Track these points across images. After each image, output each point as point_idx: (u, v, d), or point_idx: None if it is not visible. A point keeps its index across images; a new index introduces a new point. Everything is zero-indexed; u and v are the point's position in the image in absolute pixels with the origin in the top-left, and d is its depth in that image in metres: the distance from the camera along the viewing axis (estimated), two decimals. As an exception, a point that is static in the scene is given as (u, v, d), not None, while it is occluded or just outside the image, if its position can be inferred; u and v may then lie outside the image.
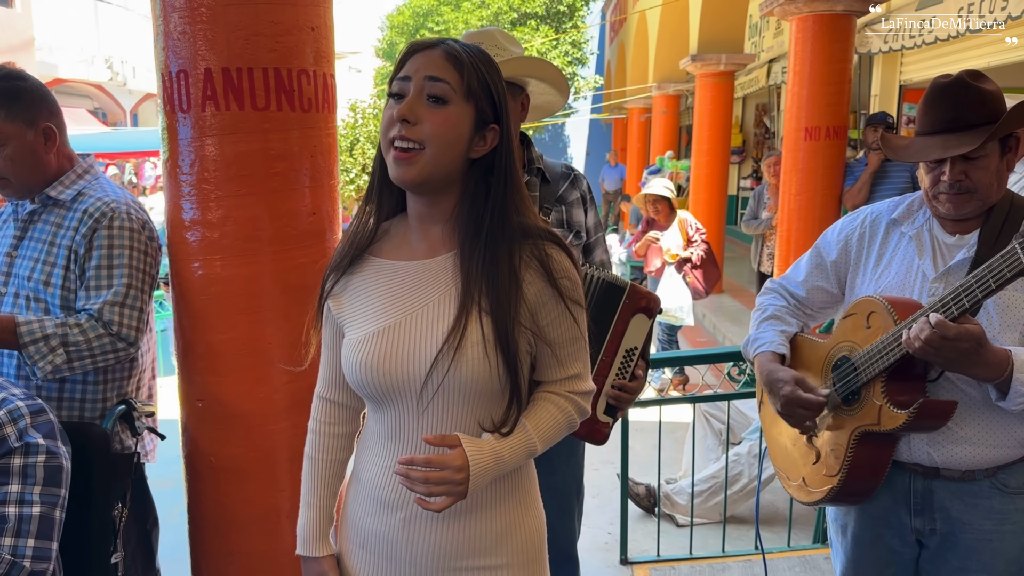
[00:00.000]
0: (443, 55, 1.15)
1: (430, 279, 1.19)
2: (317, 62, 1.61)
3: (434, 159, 1.14)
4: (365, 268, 1.24)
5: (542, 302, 1.18)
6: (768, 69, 9.79)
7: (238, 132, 1.54)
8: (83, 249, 1.74)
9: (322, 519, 1.32)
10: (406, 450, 1.19)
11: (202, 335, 1.63)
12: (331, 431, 1.34)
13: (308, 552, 1.31)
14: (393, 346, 1.16)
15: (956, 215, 1.52)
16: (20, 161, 1.76)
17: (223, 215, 1.57)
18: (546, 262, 1.17)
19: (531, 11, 18.96)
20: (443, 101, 1.14)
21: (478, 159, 1.19)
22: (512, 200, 1.19)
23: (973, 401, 1.48)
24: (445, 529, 1.20)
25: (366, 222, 1.24)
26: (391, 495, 1.21)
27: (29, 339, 1.66)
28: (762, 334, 1.73)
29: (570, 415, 1.26)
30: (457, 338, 1.12)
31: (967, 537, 1.53)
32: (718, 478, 3.26)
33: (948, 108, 1.50)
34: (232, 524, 1.69)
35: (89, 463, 1.58)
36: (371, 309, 1.21)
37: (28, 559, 1.36)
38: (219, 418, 1.66)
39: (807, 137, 5.10)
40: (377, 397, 1.20)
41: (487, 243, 1.16)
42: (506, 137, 1.20)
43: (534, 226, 1.19)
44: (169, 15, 1.53)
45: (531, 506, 1.28)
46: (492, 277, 1.14)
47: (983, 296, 1.33)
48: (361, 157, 7.73)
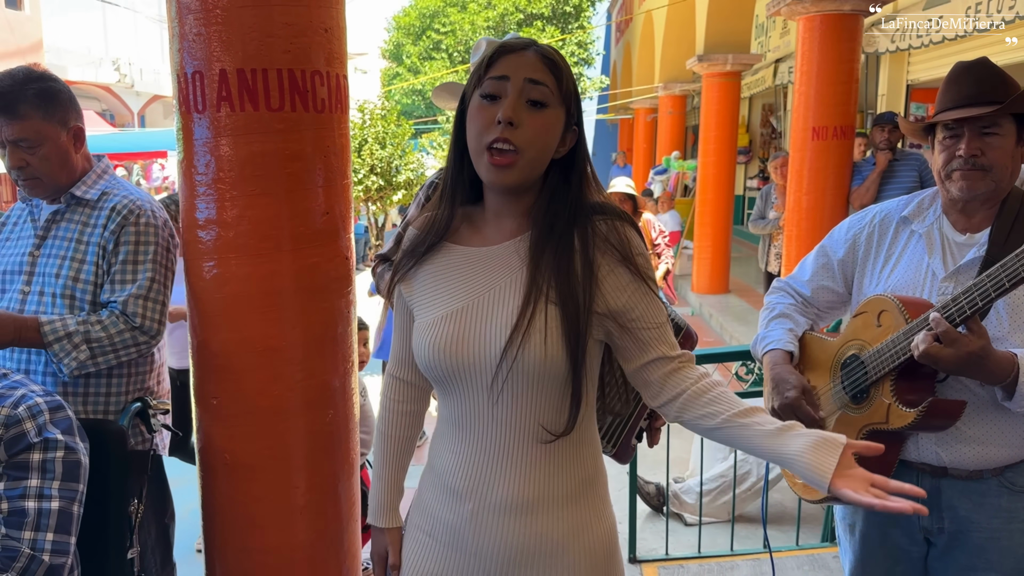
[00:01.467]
0: (539, 58, 1.16)
1: (499, 264, 1.21)
2: (330, 63, 1.62)
3: (531, 163, 1.15)
4: (437, 254, 1.26)
5: (621, 287, 1.18)
6: (775, 69, 9.78)
7: (253, 132, 1.55)
8: (111, 245, 1.78)
9: (391, 491, 1.38)
10: (476, 439, 1.20)
11: (216, 333, 1.65)
12: (401, 408, 1.38)
13: (376, 522, 1.37)
14: (462, 330, 1.18)
15: (969, 195, 1.51)
16: (54, 161, 1.80)
17: (238, 214, 1.58)
18: (621, 241, 1.17)
19: (537, 12, 18.96)
20: (543, 105, 1.14)
21: (558, 159, 1.21)
22: (587, 197, 1.22)
23: (982, 401, 1.48)
24: (513, 524, 1.19)
25: (442, 213, 1.26)
26: (461, 484, 1.22)
27: (53, 337, 1.69)
28: (770, 332, 1.73)
29: (707, 376, 1.23)
30: (525, 324, 1.13)
31: (975, 535, 1.53)
32: (726, 477, 3.26)
33: (972, 83, 1.50)
34: (247, 520, 1.70)
35: (106, 460, 1.60)
36: (441, 293, 1.22)
37: (47, 552, 1.38)
38: (234, 415, 1.67)
39: (814, 137, 5.09)
40: (445, 380, 1.21)
41: (562, 235, 1.17)
42: (583, 138, 1.23)
43: (606, 204, 1.21)
44: (184, 17, 1.55)
45: (602, 510, 1.26)
46: (565, 264, 1.15)
47: (996, 296, 1.33)
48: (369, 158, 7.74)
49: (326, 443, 1.73)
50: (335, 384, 1.72)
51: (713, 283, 8.65)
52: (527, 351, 1.13)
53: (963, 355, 1.34)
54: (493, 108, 1.14)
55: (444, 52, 20.09)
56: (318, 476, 1.72)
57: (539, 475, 1.20)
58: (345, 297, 1.74)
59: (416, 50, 20.85)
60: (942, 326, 1.35)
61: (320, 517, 1.73)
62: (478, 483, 1.20)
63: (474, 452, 1.21)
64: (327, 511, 1.75)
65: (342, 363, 1.74)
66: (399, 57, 21.83)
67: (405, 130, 8.94)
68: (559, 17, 19.38)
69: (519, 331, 1.12)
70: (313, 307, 1.66)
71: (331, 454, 1.74)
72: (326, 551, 1.75)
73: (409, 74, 20.63)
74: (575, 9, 19.47)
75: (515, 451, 1.19)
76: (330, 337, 1.70)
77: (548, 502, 1.20)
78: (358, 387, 1.83)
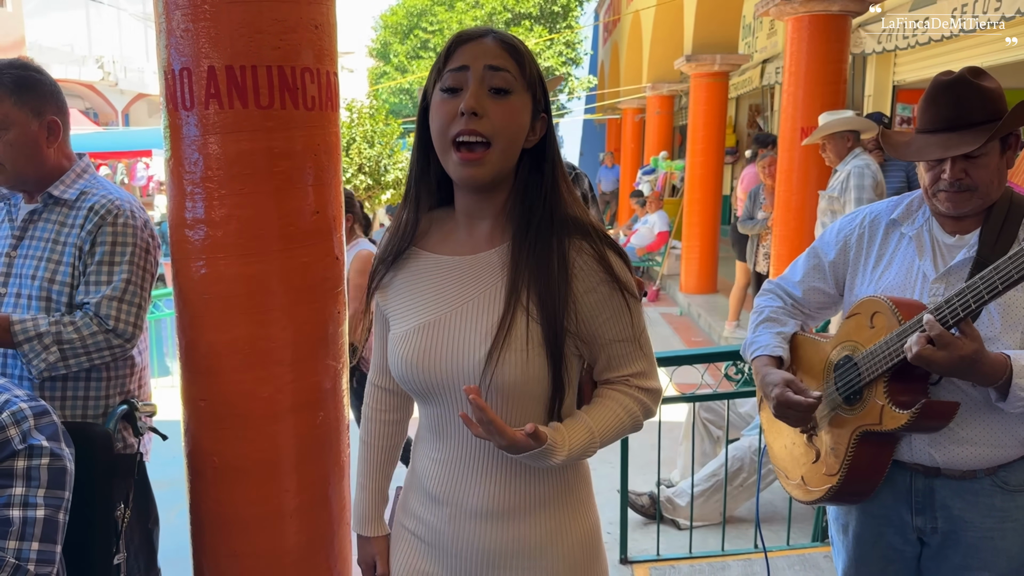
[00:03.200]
0: (498, 44, 1.10)
1: (473, 276, 1.16)
2: (320, 60, 1.60)
3: (502, 154, 1.10)
4: (411, 261, 1.22)
5: (594, 298, 1.13)
6: (762, 69, 9.82)
7: (241, 130, 1.53)
8: (88, 245, 1.74)
9: (375, 500, 1.36)
10: (452, 446, 1.19)
11: (204, 334, 1.63)
12: (382, 418, 1.37)
13: (362, 531, 1.36)
14: (434, 343, 1.14)
15: (956, 213, 1.52)
16: (19, 149, 1.76)
17: (226, 214, 1.56)
18: (604, 257, 1.13)
19: (525, 11, 18.97)
20: (506, 92, 1.09)
21: (528, 150, 1.15)
22: (561, 189, 1.15)
23: (975, 402, 1.48)
24: (489, 528, 1.19)
25: (407, 218, 1.21)
26: (438, 488, 1.21)
27: (23, 337, 1.66)
28: (758, 338, 1.73)
29: (634, 415, 1.19)
30: (502, 339, 1.09)
31: (969, 535, 1.53)
32: (719, 476, 3.26)
33: (950, 106, 1.50)
34: (235, 525, 1.67)
35: (91, 464, 1.57)
36: (414, 303, 1.19)
37: (32, 562, 1.35)
38: (222, 418, 1.65)
39: (803, 137, 5.11)
40: (420, 392, 1.19)
41: (538, 235, 1.12)
42: (550, 126, 1.17)
43: (587, 222, 1.15)
44: (172, 12, 1.52)
45: (581, 511, 1.24)
46: (541, 272, 1.10)
47: (990, 298, 1.33)
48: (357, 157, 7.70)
49: (316, 446, 1.70)
50: (325, 386, 1.70)
51: (701, 283, 8.68)
52: (505, 368, 1.10)
53: (956, 358, 1.34)
54: (455, 101, 1.08)
55: (432, 51, 20.05)
56: (308, 479, 1.69)
57: (516, 483, 1.18)
58: (336, 298, 1.72)
59: (404, 49, 20.81)
60: (936, 329, 1.35)
61: (310, 521, 1.71)
62: (455, 489, 1.19)
63: (451, 459, 1.20)
64: (317, 515, 1.72)
65: (332, 364, 1.72)
66: (386, 56, 21.77)
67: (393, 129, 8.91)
68: (547, 17, 19.39)
69: (496, 348, 1.09)
70: (303, 308, 1.64)
71: (321, 457, 1.72)
72: (317, 556, 1.73)
73: (397, 73, 20.58)
74: (563, 9, 19.50)
75: (491, 460, 1.18)
76: (320, 338, 1.68)
77: (525, 508, 1.19)
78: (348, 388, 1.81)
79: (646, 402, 1.21)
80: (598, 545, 1.27)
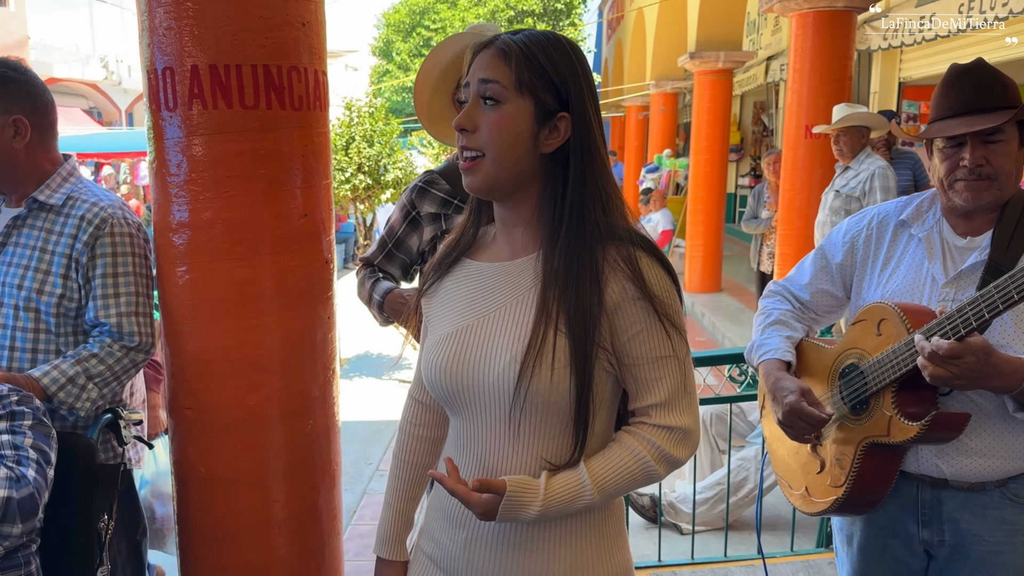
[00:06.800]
0: (494, 52, 1.09)
1: (509, 282, 1.14)
2: (308, 58, 1.56)
3: (495, 164, 1.09)
4: (457, 270, 1.21)
5: (625, 312, 1.08)
6: (766, 66, 9.76)
7: (226, 131, 1.49)
8: (85, 258, 1.70)
9: (399, 521, 1.30)
10: (474, 463, 1.14)
11: (189, 340, 1.59)
12: (416, 433, 1.31)
13: (381, 553, 1.30)
14: (464, 349, 1.12)
15: (973, 205, 1.47)
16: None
17: (211, 217, 1.52)
18: (638, 269, 1.07)
19: (528, 9, 18.93)
20: (497, 102, 1.08)
21: (555, 152, 1.10)
22: (592, 194, 1.10)
23: (984, 412, 1.43)
24: (505, 559, 1.13)
25: (467, 227, 1.22)
26: (456, 510, 1.16)
27: (55, 387, 1.63)
28: (767, 340, 1.68)
29: (644, 463, 1.10)
30: (535, 352, 1.05)
31: (977, 549, 1.49)
32: (723, 484, 3.22)
33: (970, 89, 1.46)
34: (224, 536, 1.64)
35: (73, 475, 1.53)
36: (451, 310, 1.18)
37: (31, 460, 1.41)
38: (209, 426, 1.61)
39: (808, 135, 5.06)
40: (447, 400, 1.16)
41: (567, 244, 1.07)
42: (580, 125, 1.10)
43: (622, 227, 1.10)
44: (154, 10, 1.48)
45: (608, 551, 1.16)
46: (571, 285, 1.06)
47: (1004, 308, 1.28)
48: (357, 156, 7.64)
49: (306, 454, 1.67)
50: (315, 393, 1.66)
51: (705, 282, 8.63)
52: (531, 384, 1.06)
53: (962, 348, 1.29)
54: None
55: (434, 49, 19.99)
56: (298, 489, 1.66)
57: None
58: (325, 303, 1.68)
59: (406, 47, 20.80)
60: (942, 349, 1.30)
61: (300, 532, 1.67)
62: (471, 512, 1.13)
63: (471, 476, 1.13)
64: (307, 526, 1.69)
65: (322, 371, 1.68)
66: (389, 54, 21.76)
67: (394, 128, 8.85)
68: (550, 14, 19.35)
69: (527, 364, 1.05)
70: (292, 313, 1.60)
71: (311, 466, 1.68)
72: (307, 568, 1.69)
73: (399, 71, 20.56)
74: (566, 6, 19.46)
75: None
76: (309, 344, 1.64)
77: (544, 541, 1.12)
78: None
79: (662, 447, 1.11)
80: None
